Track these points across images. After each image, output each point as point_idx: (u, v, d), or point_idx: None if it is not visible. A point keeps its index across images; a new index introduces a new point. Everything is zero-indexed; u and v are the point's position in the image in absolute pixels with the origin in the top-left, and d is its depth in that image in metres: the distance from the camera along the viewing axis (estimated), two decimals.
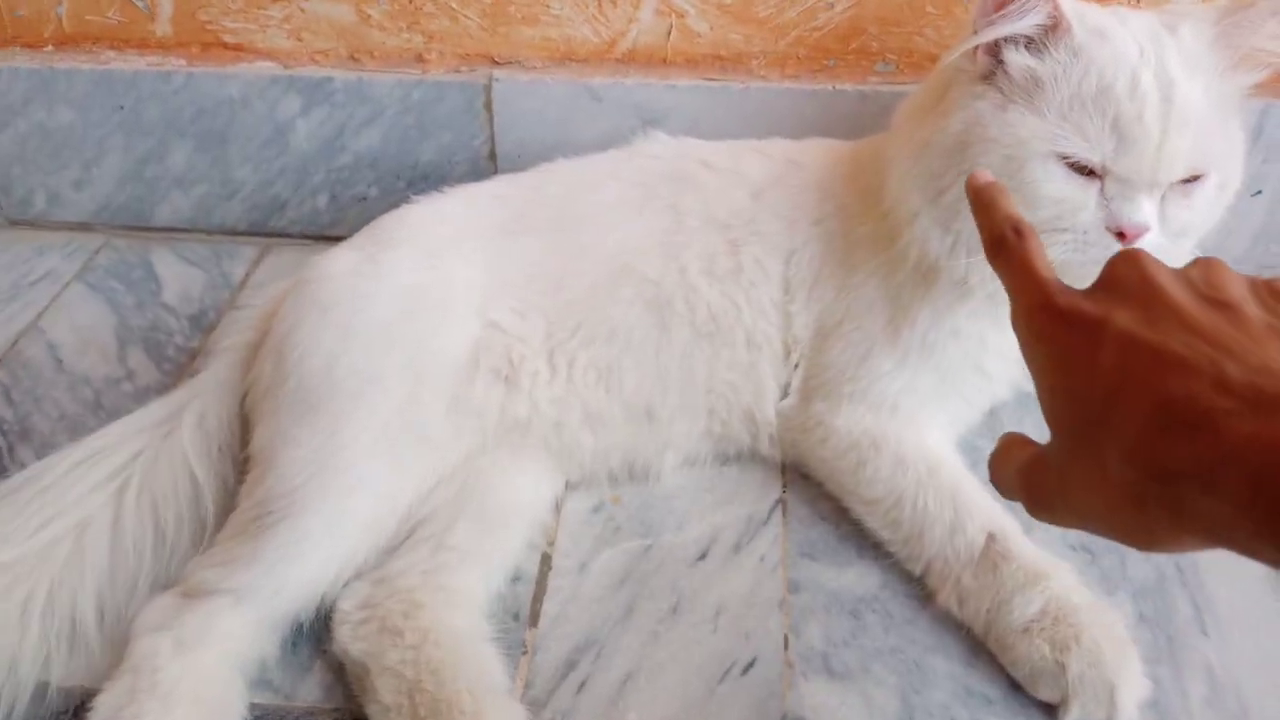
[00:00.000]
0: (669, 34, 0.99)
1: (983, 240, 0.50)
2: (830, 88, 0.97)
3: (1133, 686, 0.65)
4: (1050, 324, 0.43)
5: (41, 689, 0.69)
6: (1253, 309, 0.40)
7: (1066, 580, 0.69)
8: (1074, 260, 0.69)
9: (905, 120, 0.78)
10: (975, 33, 0.70)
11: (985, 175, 0.52)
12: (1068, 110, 0.67)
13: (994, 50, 0.70)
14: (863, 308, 0.79)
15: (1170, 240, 0.70)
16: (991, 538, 0.71)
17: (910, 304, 0.78)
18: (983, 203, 0.51)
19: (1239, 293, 0.41)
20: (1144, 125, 0.65)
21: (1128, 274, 0.43)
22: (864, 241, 0.80)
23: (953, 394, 0.81)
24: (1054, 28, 0.68)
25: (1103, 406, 0.40)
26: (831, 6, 0.95)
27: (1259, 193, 0.98)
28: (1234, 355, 0.37)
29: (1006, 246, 0.48)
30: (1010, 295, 0.47)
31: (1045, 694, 0.67)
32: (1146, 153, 0.66)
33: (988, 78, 0.71)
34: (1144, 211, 0.68)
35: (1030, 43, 0.69)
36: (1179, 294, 0.41)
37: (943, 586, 0.73)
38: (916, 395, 0.79)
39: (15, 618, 0.68)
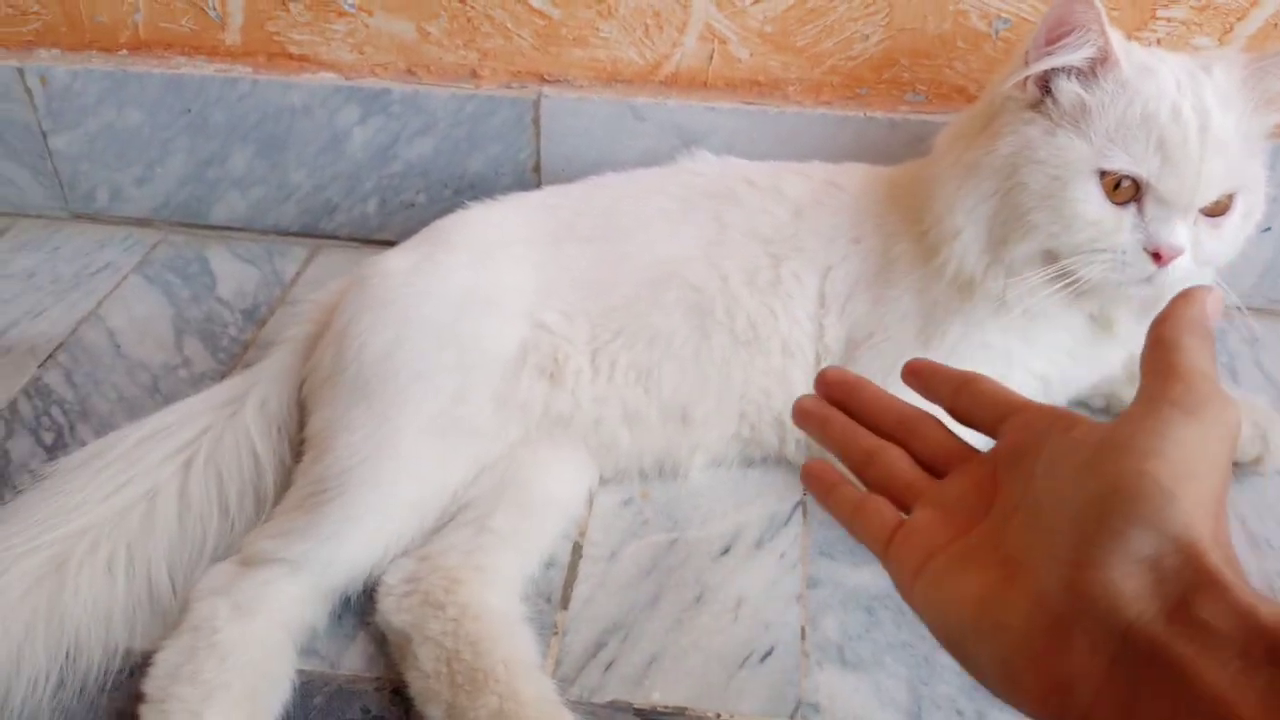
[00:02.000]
0: (711, 59, 1.04)
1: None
2: (862, 115, 1.02)
3: None
4: None
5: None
6: None
7: None
8: (1112, 280, 0.75)
9: (950, 145, 0.83)
10: (1027, 63, 0.75)
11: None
12: (1114, 133, 0.73)
13: (1043, 81, 0.76)
14: (896, 320, 0.83)
15: (1197, 266, 0.76)
16: None
17: (943, 317, 0.82)
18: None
19: None
20: (1186, 148, 0.71)
21: None
22: (901, 258, 0.84)
23: None
24: (1103, 60, 0.73)
25: None
26: (867, 38, 1.00)
27: (1268, 229, 1.02)
28: None
29: None
30: None
31: None
32: (1188, 173, 0.72)
33: (1035, 106, 0.76)
34: (1179, 235, 0.73)
35: (1079, 73, 0.74)
36: None
37: None
38: None
39: (103, 577, 0.73)
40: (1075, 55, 0.73)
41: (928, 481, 0.54)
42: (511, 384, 0.82)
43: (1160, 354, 0.45)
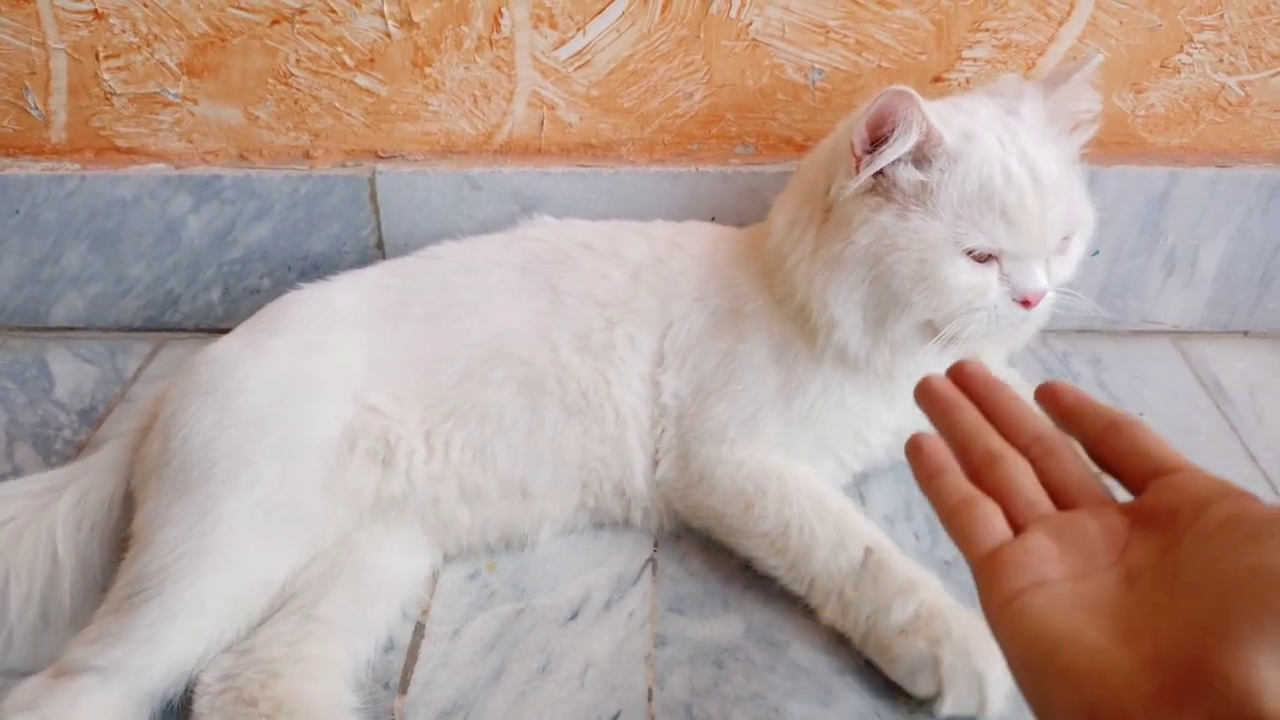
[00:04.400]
0: (541, 125, 1.04)
1: None
2: (694, 170, 1.03)
3: (1000, 675, 0.68)
4: None
5: None
6: None
7: (936, 587, 0.74)
8: (990, 330, 0.77)
9: (789, 227, 0.82)
10: (857, 160, 0.75)
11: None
12: (960, 209, 0.74)
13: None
14: (752, 373, 0.83)
15: (1054, 291, 0.79)
16: (869, 551, 0.75)
17: (803, 376, 0.83)
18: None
19: None
20: (1026, 208, 0.73)
21: None
22: (754, 316, 0.84)
23: (830, 456, 0.85)
24: (927, 139, 0.74)
25: None
26: (691, 96, 1.02)
27: (1096, 253, 1.05)
28: None
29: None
30: None
31: (923, 688, 0.70)
32: (1034, 230, 0.74)
33: (872, 190, 0.76)
34: (1039, 278, 0.76)
35: (911, 157, 0.75)
36: None
37: (826, 602, 0.76)
38: (796, 453, 0.84)
39: None
40: (905, 146, 0.73)
41: (1049, 507, 0.49)
42: (340, 468, 0.80)
43: None
